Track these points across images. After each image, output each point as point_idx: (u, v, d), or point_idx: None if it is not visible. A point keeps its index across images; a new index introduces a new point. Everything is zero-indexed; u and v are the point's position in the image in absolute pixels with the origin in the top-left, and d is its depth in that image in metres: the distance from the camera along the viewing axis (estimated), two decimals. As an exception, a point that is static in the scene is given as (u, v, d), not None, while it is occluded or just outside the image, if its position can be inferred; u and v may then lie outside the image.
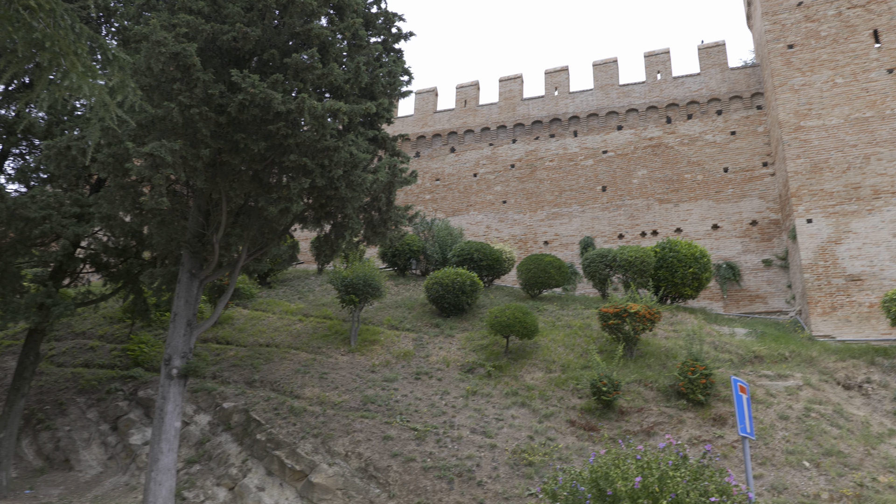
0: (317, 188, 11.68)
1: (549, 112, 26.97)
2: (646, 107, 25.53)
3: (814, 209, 19.57)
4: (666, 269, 18.53)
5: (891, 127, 19.59)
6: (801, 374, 14.08)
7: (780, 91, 21.22)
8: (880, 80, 20.19)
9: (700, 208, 23.60)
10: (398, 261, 22.55)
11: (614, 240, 24.21)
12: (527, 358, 15.66)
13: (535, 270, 19.53)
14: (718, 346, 15.63)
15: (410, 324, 18.11)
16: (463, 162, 27.87)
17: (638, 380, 14.04)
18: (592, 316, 17.56)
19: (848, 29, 21.11)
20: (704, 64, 25.42)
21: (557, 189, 25.83)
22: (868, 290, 18.18)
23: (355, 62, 11.47)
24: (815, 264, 19.00)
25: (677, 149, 24.66)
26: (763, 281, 21.98)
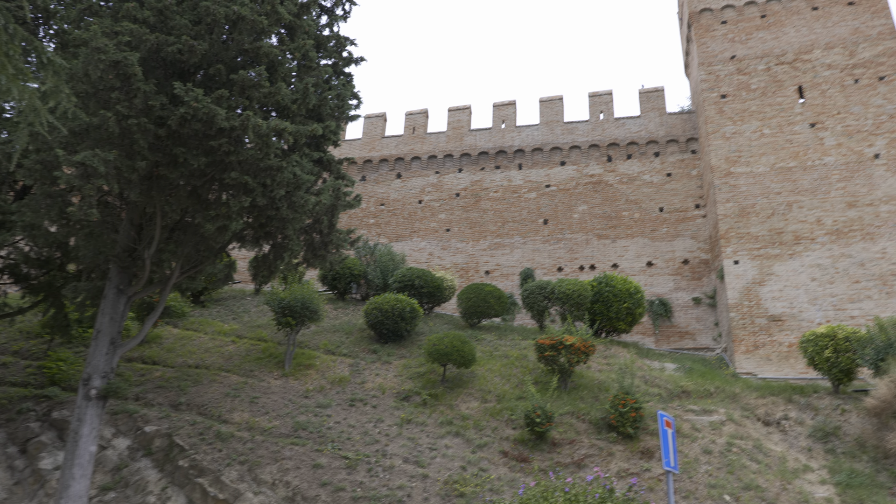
0: (257, 207, 11.48)
1: (495, 144, 27.49)
2: (588, 144, 26.38)
3: (741, 251, 20.54)
4: (602, 304, 18.98)
5: (812, 177, 20.88)
6: (725, 410, 14.59)
7: (713, 138, 22.35)
8: (803, 133, 21.55)
9: (636, 245, 24.39)
10: (338, 284, 22.28)
11: (554, 272, 24.69)
12: (463, 387, 15.65)
13: (475, 299, 19.65)
14: (649, 381, 16.05)
15: (348, 349, 17.85)
16: (409, 188, 27.97)
17: (571, 412, 14.23)
18: (529, 347, 17.75)
19: (776, 84, 22.52)
20: (644, 107, 26.54)
21: (501, 220, 26.22)
22: (788, 331, 19.12)
23: (304, 83, 11.42)
24: (741, 304, 19.88)
25: (616, 187, 25.51)
26: (692, 318, 22.80)
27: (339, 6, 13.63)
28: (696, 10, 24.34)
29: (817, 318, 19.08)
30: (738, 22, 23.84)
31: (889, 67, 21.64)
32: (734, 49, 23.46)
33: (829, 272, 19.57)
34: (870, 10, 22.64)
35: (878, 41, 22.09)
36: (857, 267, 19.43)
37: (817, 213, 20.38)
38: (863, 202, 20.15)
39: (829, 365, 14.96)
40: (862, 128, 21.08)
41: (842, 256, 19.66)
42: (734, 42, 23.59)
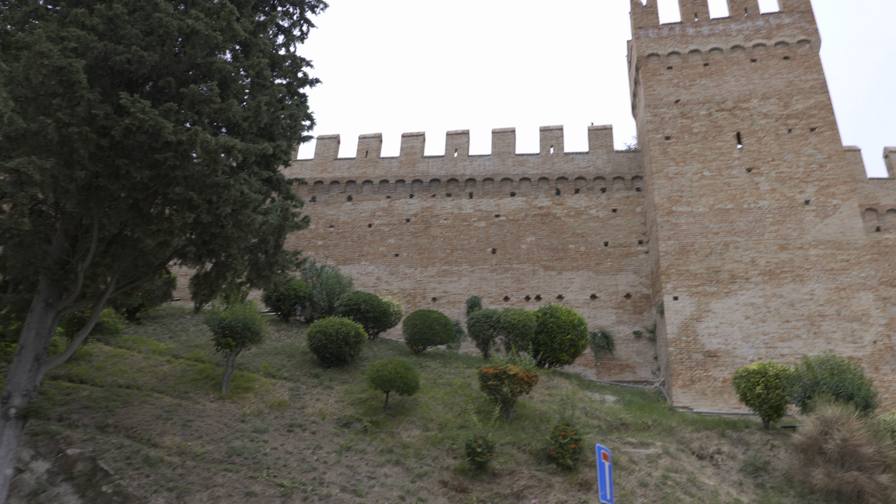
0: (201, 224, 11.19)
1: (447, 172, 27.73)
2: (538, 177, 26.92)
3: (680, 288, 21.21)
4: (546, 334, 19.20)
5: (747, 219, 21.84)
6: (662, 443, 14.88)
7: (657, 177, 23.17)
8: (740, 177, 22.59)
9: (581, 278, 24.88)
10: (282, 306, 21.84)
11: (500, 301, 24.88)
12: (405, 414, 15.48)
13: (420, 326, 19.58)
14: (589, 412, 16.25)
15: (289, 372, 17.44)
16: (359, 211, 27.84)
17: (512, 442, 14.24)
18: (473, 375, 17.75)
19: (716, 129, 23.61)
20: (593, 144, 27.34)
21: (450, 247, 26.35)
22: (722, 367, 19.76)
23: (257, 101, 11.30)
24: (679, 339, 20.46)
25: (564, 220, 26.06)
26: (633, 351, 23.31)
27: (296, 27, 13.62)
28: (644, 55, 25.39)
29: (750, 355, 19.80)
30: (683, 68, 24.98)
31: (819, 120, 23.00)
32: (679, 94, 24.52)
33: (762, 311, 20.39)
34: (803, 65, 24.10)
35: (810, 94, 23.50)
36: (788, 307, 20.32)
37: (752, 253, 21.29)
38: (794, 245, 21.18)
39: (760, 401, 15.50)
40: (794, 175, 22.25)
41: (774, 296, 20.54)
42: (679, 87, 24.67)
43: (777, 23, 24.97)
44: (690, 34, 25.39)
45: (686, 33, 25.45)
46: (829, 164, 22.22)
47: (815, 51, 24.34)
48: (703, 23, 25.53)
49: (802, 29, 24.66)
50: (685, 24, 25.68)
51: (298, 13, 13.75)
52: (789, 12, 25.10)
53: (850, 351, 19.30)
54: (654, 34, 25.71)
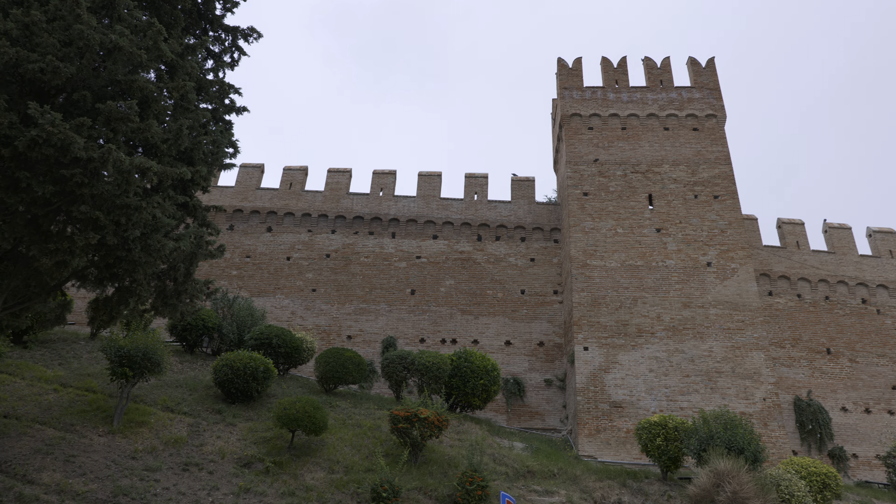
0: (106, 246, 10.61)
1: (371, 210, 27.73)
2: (461, 222, 27.36)
3: (591, 339, 21.89)
4: (459, 378, 19.24)
5: (655, 277, 22.98)
6: (566, 492, 15.08)
7: (574, 231, 24.09)
8: (650, 236, 23.84)
9: (497, 324, 25.23)
10: (189, 336, 20.86)
11: (416, 343, 24.79)
12: (311, 455, 14.97)
13: (333, 364, 19.17)
14: (497, 459, 16.29)
15: (189, 407, 16.55)
16: (278, 243, 27.26)
17: (419, 487, 14.02)
18: (384, 417, 17.47)
19: (630, 189, 24.92)
20: (516, 194, 28.17)
21: (369, 286, 26.15)
22: (626, 417, 20.39)
23: (178, 124, 10.98)
24: (587, 388, 21.00)
25: (484, 265, 26.50)
26: (543, 399, 23.69)
27: (227, 53, 13.45)
28: (568, 114, 26.67)
29: (652, 407, 20.56)
30: (603, 130, 26.37)
31: (722, 189, 24.76)
32: (598, 153, 25.80)
33: (665, 365, 21.32)
34: (710, 137, 26.01)
35: (715, 165, 25.31)
36: (688, 362, 21.35)
37: (658, 309, 22.34)
38: (696, 304, 22.41)
39: (660, 452, 16.06)
40: (698, 238, 23.72)
41: (676, 351, 21.55)
42: (598, 147, 25.98)
43: (688, 97, 26.93)
44: (611, 99, 26.94)
45: (607, 98, 26.97)
46: (729, 230, 23.85)
47: (720, 125, 26.35)
48: (622, 90, 27.17)
49: (710, 104, 26.70)
50: (607, 89, 27.24)
51: (230, 40, 13.61)
52: (700, 88, 27.16)
53: (742, 406, 20.42)
54: (577, 95, 27.10)
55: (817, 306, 25.65)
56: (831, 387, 23.97)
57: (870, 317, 25.61)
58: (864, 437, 22.96)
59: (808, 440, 22.47)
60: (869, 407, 23.68)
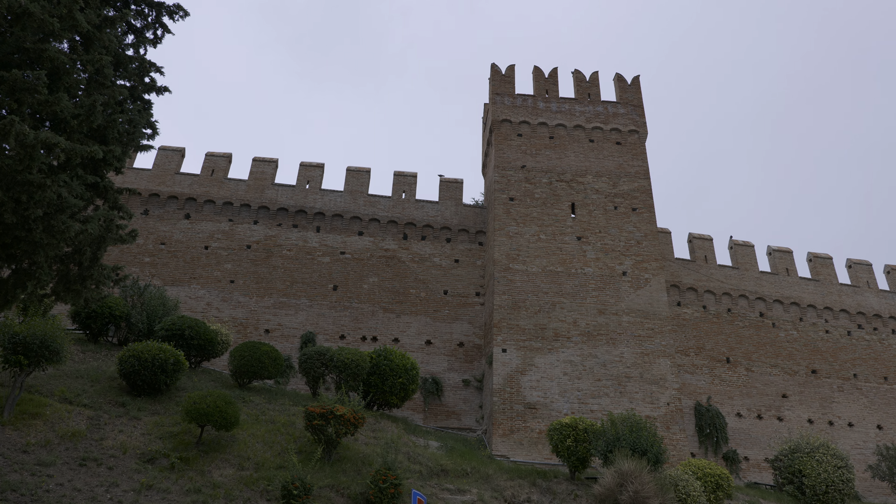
0: (3, 224, 9.89)
1: (297, 203, 27.18)
2: (387, 220, 27.27)
3: (509, 341, 22.34)
4: (378, 376, 19.15)
5: (574, 283, 23.71)
6: (478, 490, 15.31)
7: (498, 234, 24.50)
8: (571, 244, 24.58)
9: (419, 323, 25.30)
10: (93, 324, 19.74)
11: (336, 339, 24.50)
12: (220, 452, 14.50)
13: (248, 358, 18.66)
14: (412, 457, 16.33)
15: (90, 399, 15.67)
16: (196, 231, 26.26)
17: (332, 485, 13.86)
18: (299, 414, 17.15)
19: (554, 197, 25.61)
20: (443, 195, 28.34)
21: (290, 279, 25.62)
22: (539, 419, 20.93)
23: (92, 99, 10.38)
24: (504, 390, 21.41)
25: (408, 264, 26.52)
26: (460, 399, 23.96)
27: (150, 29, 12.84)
28: (499, 120, 27.11)
29: (565, 409, 21.20)
30: (531, 137, 26.98)
31: (640, 202, 25.86)
32: (525, 160, 26.37)
33: (579, 369, 22.04)
34: (631, 152, 27.11)
35: (635, 179, 26.41)
36: (601, 367, 22.16)
37: (574, 315, 23.07)
38: (610, 311, 23.29)
39: (569, 453, 16.58)
40: (616, 247, 24.67)
41: (589, 356, 22.32)
42: (526, 154, 26.55)
43: (614, 111, 27.97)
44: (541, 108, 27.60)
45: (537, 106, 27.61)
46: (644, 242, 24.93)
47: (642, 141, 27.52)
48: (552, 100, 27.89)
49: (633, 121, 27.83)
50: (537, 97, 27.88)
51: (154, 15, 12.98)
52: (624, 104, 28.26)
53: (648, 410, 21.39)
54: (509, 102, 27.60)
55: (720, 318, 27.22)
56: (728, 393, 25.50)
57: (766, 329, 27.43)
58: (755, 442, 24.56)
59: (706, 443, 23.81)
60: (761, 413, 25.35)
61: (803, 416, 25.64)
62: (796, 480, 19.08)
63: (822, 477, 18.47)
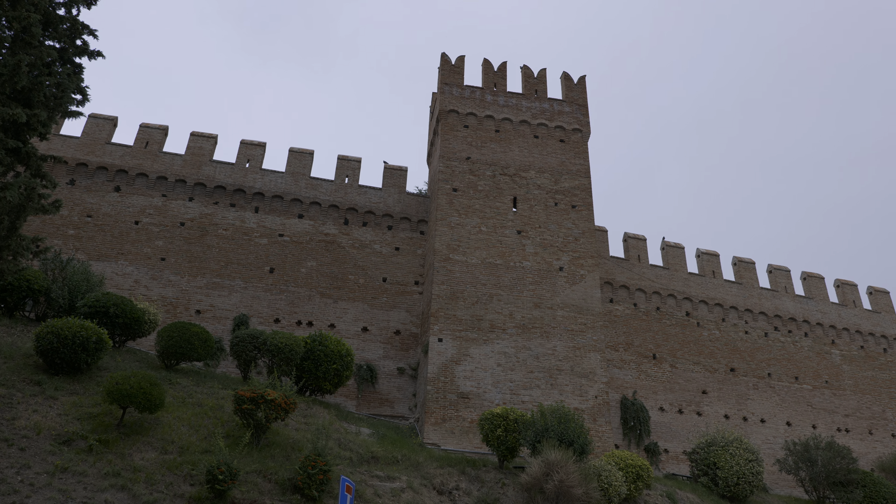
0: (-88, 186, 9.21)
1: (235, 181, 26.43)
2: (329, 204, 26.89)
3: (446, 331, 22.49)
4: (312, 362, 18.93)
5: (512, 276, 24.06)
6: (407, 478, 15.40)
7: (440, 224, 24.57)
8: (511, 237, 24.91)
9: (356, 309, 25.12)
10: (8, 298, 18.64)
11: (270, 323, 24.04)
12: (143, 434, 14.03)
13: (177, 339, 18.08)
14: (343, 444, 16.26)
15: (2, 376, 14.82)
16: (126, 205, 25.16)
17: (259, 470, 13.64)
18: (228, 397, 16.77)
19: (497, 190, 25.86)
20: (387, 182, 28.16)
21: (225, 259, 24.93)
22: (472, 408, 21.21)
23: (17, 59, 9.76)
24: (438, 379, 21.57)
25: (348, 250, 26.26)
26: (394, 387, 23.99)
27: (84, -10, 12.15)
28: (446, 110, 27.10)
29: (497, 399, 21.55)
30: (478, 130, 27.12)
31: (580, 199, 26.45)
32: (470, 151, 26.50)
33: (512, 360, 22.43)
34: (574, 150, 27.66)
35: (576, 177, 26.97)
36: (533, 359, 22.62)
37: (511, 307, 23.43)
38: (545, 305, 23.78)
39: (499, 442, 16.89)
40: (554, 243, 25.16)
41: (523, 348, 22.74)
42: (472, 145, 26.68)
43: (559, 109, 28.43)
44: (488, 101, 27.76)
45: (485, 99, 27.76)
46: (582, 239, 25.54)
47: (585, 140, 28.11)
48: (500, 94, 28.10)
49: (578, 120, 28.38)
50: (485, 90, 28.02)
51: (89, -26, 12.29)
52: (569, 103, 28.77)
53: (576, 403, 22.01)
54: (457, 92, 27.62)
55: (649, 315, 28.24)
56: (653, 388, 26.53)
57: (691, 328, 28.65)
58: (675, 435, 25.68)
59: (630, 435, 24.72)
60: (682, 408, 26.50)
61: (721, 412, 26.97)
62: (711, 472, 20.08)
63: (735, 469, 19.50)
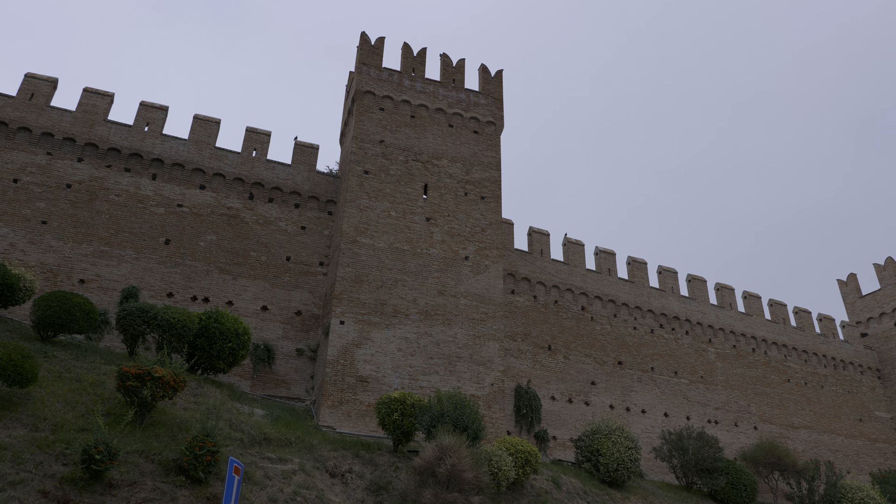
0: None
1: (132, 145, 24.82)
2: (234, 177, 25.83)
3: (348, 314, 22.30)
4: (206, 339, 18.22)
5: (418, 263, 24.18)
6: (300, 460, 15.20)
7: (349, 206, 24.26)
8: (420, 224, 25.00)
9: (256, 287, 24.37)
10: None
11: (163, 297, 22.87)
12: (11, 410, 12.99)
13: (56, 309, 16.84)
14: (234, 425, 15.80)
15: None
16: (4, 161, 23.02)
17: (142, 450, 13.01)
18: (111, 373, 15.84)
19: (409, 175, 25.84)
20: (297, 159, 27.42)
21: (115, 227, 23.39)
22: (370, 392, 21.21)
23: None
24: (337, 361, 21.38)
25: (252, 226, 25.38)
26: (292, 368, 23.53)
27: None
28: (362, 90, 26.70)
29: (396, 384, 21.67)
30: (393, 114, 26.92)
31: (489, 191, 26.93)
32: (385, 135, 26.28)
33: (413, 346, 22.60)
34: (487, 142, 28.08)
35: (487, 168, 27.42)
36: (434, 345, 22.90)
37: (415, 293, 23.57)
38: (449, 293, 24.10)
39: (395, 426, 17.02)
40: (462, 232, 25.51)
41: (425, 334, 22.96)
42: (386, 129, 26.46)
43: (475, 100, 28.74)
44: (406, 85, 27.60)
45: (402, 84, 27.58)
46: (488, 230, 26.04)
47: (498, 133, 28.60)
48: (417, 79, 28.01)
49: (492, 112, 28.82)
50: (403, 75, 27.84)
51: None
52: (485, 95, 29.14)
53: (473, 390, 22.52)
54: (375, 74, 27.26)
55: (547, 308, 29.30)
56: (546, 378, 27.61)
57: (585, 322, 30.01)
58: (563, 423, 26.89)
59: (522, 422, 25.62)
60: (572, 397, 27.76)
61: (607, 402, 28.49)
62: (594, 459, 21.20)
63: (615, 456, 20.71)
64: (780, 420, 32.92)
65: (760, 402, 32.88)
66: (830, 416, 34.79)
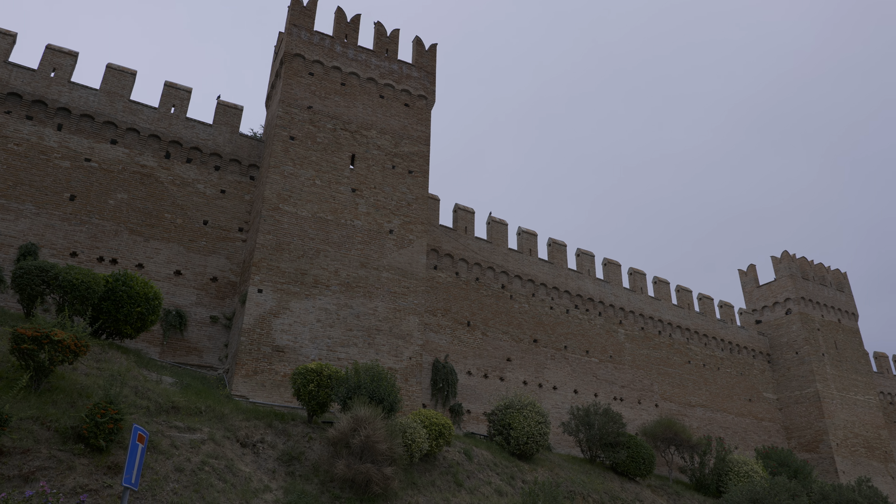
0: None
1: (36, 91, 23.00)
2: (149, 133, 24.49)
3: (266, 282, 21.80)
4: (112, 303, 17.36)
5: (341, 234, 23.87)
6: (209, 429, 14.85)
7: (273, 172, 23.56)
8: (345, 194, 24.64)
9: (170, 251, 23.36)
10: None
11: (66, 256, 21.53)
12: None
13: (-57, 264, 15.53)
14: (140, 392, 15.21)
15: None
16: None
17: (36, 416, 12.31)
18: (5, 335, 14.84)
19: (336, 144, 25.33)
20: (219, 119, 26.28)
21: (14, 179, 21.73)
22: (286, 362, 20.91)
23: None
24: (253, 330, 20.91)
25: (167, 186, 24.22)
26: (205, 336, 22.82)
27: None
28: (292, 53, 25.81)
29: (313, 354, 21.45)
30: (323, 80, 26.22)
31: (417, 166, 26.83)
32: (313, 101, 25.58)
33: (333, 317, 22.40)
34: (417, 116, 27.88)
35: (416, 143, 27.27)
36: (354, 317, 22.79)
37: (337, 265, 23.30)
38: (372, 265, 23.98)
39: (310, 397, 16.89)
40: (387, 205, 25.34)
41: (345, 306, 22.79)
42: (315, 95, 25.76)
43: (407, 73, 28.40)
44: (338, 51, 26.90)
45: (334, 49, 26.86)
46: (414, 205, 26.00)
47: (429, 107, 28.43)
48: (350, 46, 27.35)
49: (424, 86, 28.59)
50: (335, 40, 27.10)
51: None
52: (418, 68, 28.85)
53: (391, 363, 22.64)
54: (305, 37, 26.40)
55: (468, 285, 29.72)
56: (464, 353, 28.11)
57: (504, 300, 30.66)
58: (478, 397, 27.52)
59: (438, 396, 26.03)
60: (488, 373, 28.43)
61: (520, 378, 29.36)
62: (505, 432, 21.87)
63: (525, 430, 21.44)
64: (679, 399, 35.03)
65: (662, 381, 34.83)
66: (724, 396, 37.35)
